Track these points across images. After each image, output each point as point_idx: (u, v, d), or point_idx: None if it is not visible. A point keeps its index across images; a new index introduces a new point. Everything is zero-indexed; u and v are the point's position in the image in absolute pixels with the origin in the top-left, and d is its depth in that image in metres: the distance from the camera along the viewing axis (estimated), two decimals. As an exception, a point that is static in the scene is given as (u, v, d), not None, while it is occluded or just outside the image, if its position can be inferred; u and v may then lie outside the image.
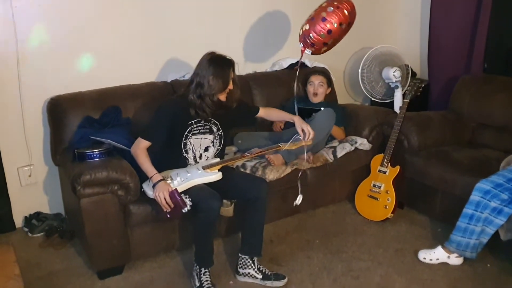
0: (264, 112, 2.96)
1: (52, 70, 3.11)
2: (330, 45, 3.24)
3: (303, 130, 2.73)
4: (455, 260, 2.73)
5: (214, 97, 2.58)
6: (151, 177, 2.53)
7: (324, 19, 3.10)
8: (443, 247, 2.75)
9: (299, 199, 2.76)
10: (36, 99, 3.10)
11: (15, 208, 3.20)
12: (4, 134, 3.07)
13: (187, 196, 2.46)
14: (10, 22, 2.92)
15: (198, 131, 2.68)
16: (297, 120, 2.79)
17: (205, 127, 2.70)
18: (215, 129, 2.74)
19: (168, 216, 2.49)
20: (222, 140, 2.78)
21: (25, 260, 2.84)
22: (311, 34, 3.15)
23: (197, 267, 2.56)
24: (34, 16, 3.00)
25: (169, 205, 2.44)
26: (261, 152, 2.81)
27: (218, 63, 2.57)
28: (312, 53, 3.29)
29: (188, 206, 2.42)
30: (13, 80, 3.01)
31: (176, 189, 2.46)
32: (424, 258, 2.77)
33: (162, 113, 2.61)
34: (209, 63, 2.56)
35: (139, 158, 2.57)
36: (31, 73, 3.05)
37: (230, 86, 2.63)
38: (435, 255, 2.76)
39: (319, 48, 3.23)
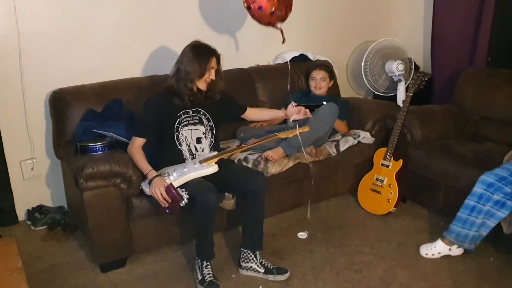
0: (253, 113, 2.99)
1: (55, 63, 3.11)
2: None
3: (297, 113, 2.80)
4: (456, 251, 2.73)
5: (189, 83, 2.63)
6: (146, 174, 2.55)
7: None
8: (442, 239, 2.75)
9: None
10: (39, 92, 3.10)
11: (17, 201, 3.21)
12: (7, 127, 3.07)
13: (184, 189, 2.47)
14: (12, 15, 2.91)
15: (187, 122, 2.70)
16: (288, 111, 2.83)
17: (194, 117, 2.72)
18: (205, 120, 2.75)
19: (167, 211, 2.50)
20: (214, 131, 2.79)
21: (28, 253, 2.85)
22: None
23: (199, 260, 2.56)
24: (36, 9, 2.99)
25: (167, 200, 2.45)
26: (257, 142, 2.80)
27: (198, 49, 2.65)
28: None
29: (185, 199, 2.42)
30: (16, 73, 3.01)
31: (171, 183, 2.47)
32: (427, 254, 2.76)
33: (149, 107, 2.66)
34: (190, 49, 2.65)
35: (134, 157, 2.60)
36: (34, 66, 3.05)
37: (212, 76, 2.66)
38: (436, 249, 2.75)
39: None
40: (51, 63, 3.10)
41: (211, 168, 2.60)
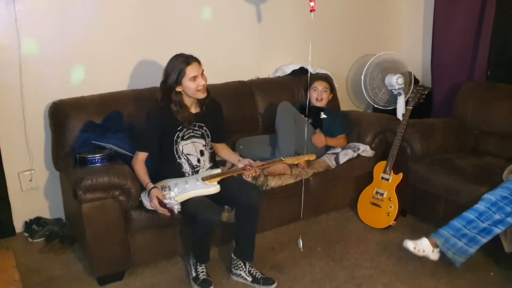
0: (221, 151, 2.92)
1: (54, 74, 3.11)
2: None
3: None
4: (436, 255, 2.65)
5: (178, 104, 2.62)
6: (145, 186, 2.56)
7: None
8: (429, 239, 2.67)
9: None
10: (38, 104, 3.09)
11: (15, 213, 3.19)
12: (6, 139, 3.06)
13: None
14: (13, 27, 2.92)
15: (188, 134, 2.71)
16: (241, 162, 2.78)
17: (194, 130, 2.72)
18: (204, 132, 2.75)
19: (171, 220, 2.50)
20: (209, 139, 2.79)
21: (25, 265, 2.83)
22: None
23: (194, 260, 2.64)
24: (37, 20, 2.99)
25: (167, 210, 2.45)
26: (262, 165, 2.80)
27: (173, 58, 2.63)
28: None
29: (176, 207, 2.44)
30: (15, 84, 3.00)
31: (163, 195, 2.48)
32: (415, 248, 2.65)
33: (151, 122, 2.66)
34: (169, 61, 2.64)
35: (136, 169, 2.63)
36: (33, 78, 3.04)
37: (201, 82, 2.60)
38: (423, 245, 2.66)
39: None
40: (51, 74, 3.09)
41: (214, 188, 2.59)
